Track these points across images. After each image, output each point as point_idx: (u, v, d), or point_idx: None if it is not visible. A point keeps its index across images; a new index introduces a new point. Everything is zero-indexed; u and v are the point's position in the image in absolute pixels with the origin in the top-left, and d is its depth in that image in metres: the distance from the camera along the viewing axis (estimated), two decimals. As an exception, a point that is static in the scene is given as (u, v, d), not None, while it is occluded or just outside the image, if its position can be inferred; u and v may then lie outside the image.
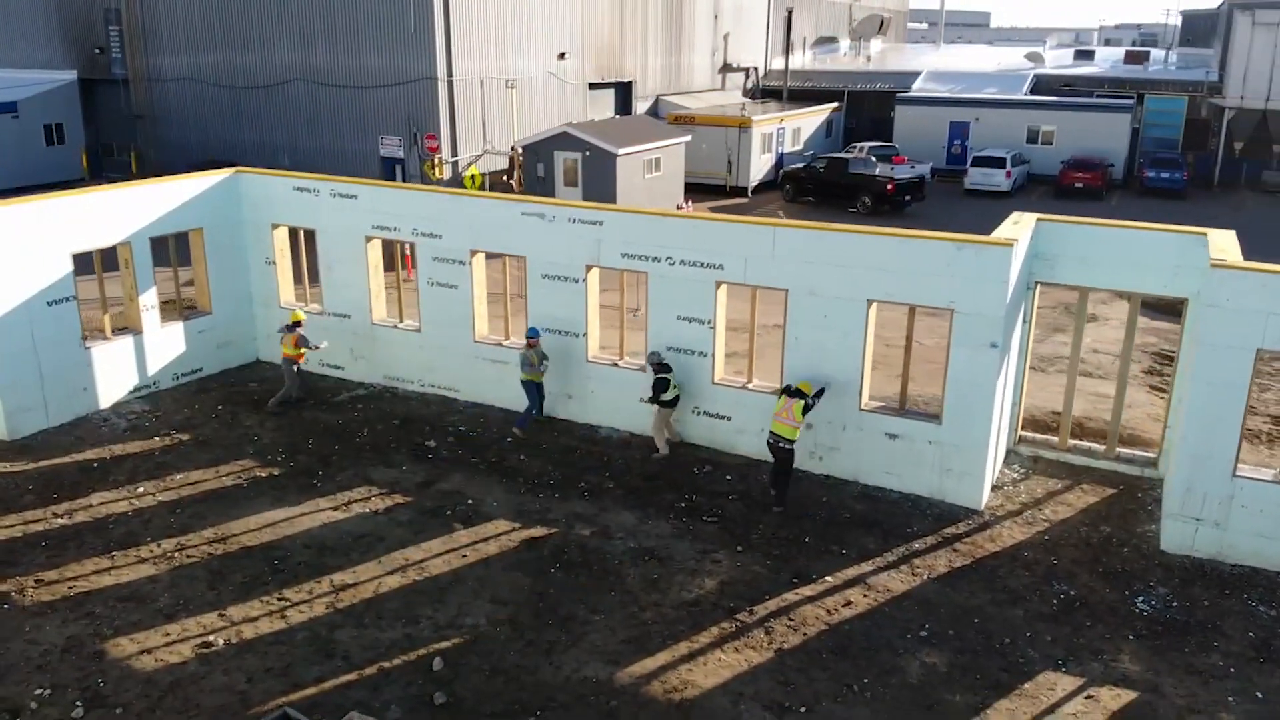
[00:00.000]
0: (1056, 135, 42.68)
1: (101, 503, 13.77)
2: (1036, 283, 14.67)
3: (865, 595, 11.69)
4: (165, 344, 17.64)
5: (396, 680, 10.14)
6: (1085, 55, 51.45)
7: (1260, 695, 9.91)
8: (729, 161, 38.65)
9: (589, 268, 15.65)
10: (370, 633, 10.89)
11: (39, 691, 9.89)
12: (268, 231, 18.51)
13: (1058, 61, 51.11)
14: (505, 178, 33.61)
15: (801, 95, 49.36)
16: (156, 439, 15.79)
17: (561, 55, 35.63)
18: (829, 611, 11.36)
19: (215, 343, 18.56)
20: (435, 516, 13.41)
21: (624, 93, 40.64)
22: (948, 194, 39.63)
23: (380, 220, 17.31)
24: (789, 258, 14.05)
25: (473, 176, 31.52)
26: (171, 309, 18.57)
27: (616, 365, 15.94)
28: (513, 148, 33.40)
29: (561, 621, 11.12)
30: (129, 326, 17.28)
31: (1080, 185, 39.06)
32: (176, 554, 12.45)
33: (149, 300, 17.27)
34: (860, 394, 14.14)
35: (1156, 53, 51.52)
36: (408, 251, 21.33)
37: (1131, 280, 14.15)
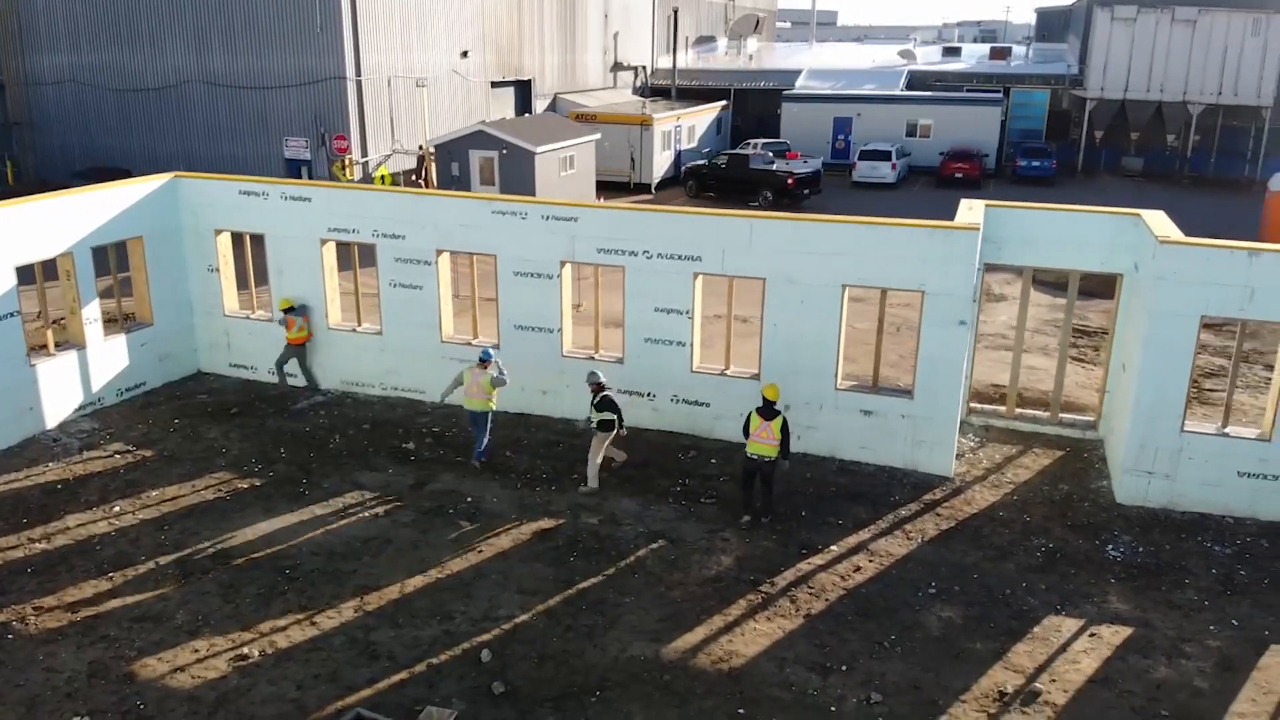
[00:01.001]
0: (933, 129, 45.09)
1: (79, 524, 13.18)
2: (985, 264, 15.76)
3: (870, 560, 12.42)
4: (109, 358, 16.90)
5: (448, 675, 10.23)
6: (952, 52, 54.51)
7: (1236, 623, 11.11)
8: (632, 159, 39.21)
9: (564, 264, 15.89)
10: (408, 632, 10.91)
11: (76, 717, 9.53)
12: (210, 238, 17.95)
13: (927, 58, 53.92)
14: (414, 177, 33.23)
15: (689, 94, 50.44)
16: (117, 456, 15.16)
17: (464, 53, 35.42)
18: (843, 577, 12.03)
19: (158, 355, 17.88)
20: (438, 516, 13.44)
21: (524, 91, 40.69)
22: (837, 187, 41.24)
23: (337, 223, 17.04)
24: (766, 247, 14.68)
25: (383, 176, 31.06)
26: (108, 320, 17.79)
27: (593, 358, 16.23)
28: (421, 146, 33.06)
29: (594, 606, 11.40)
30: (72, 341, 16.48)
31: (960, 175, 41.45)
32: (179, 570, 12.08)
33: (92, 313, 16.52)
34: (836, 375, 14.91)
35: (1018, 48, 54.94)
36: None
37: (1071, 259, 15.41)
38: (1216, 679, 10.14)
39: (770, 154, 38.26)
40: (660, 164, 40.06)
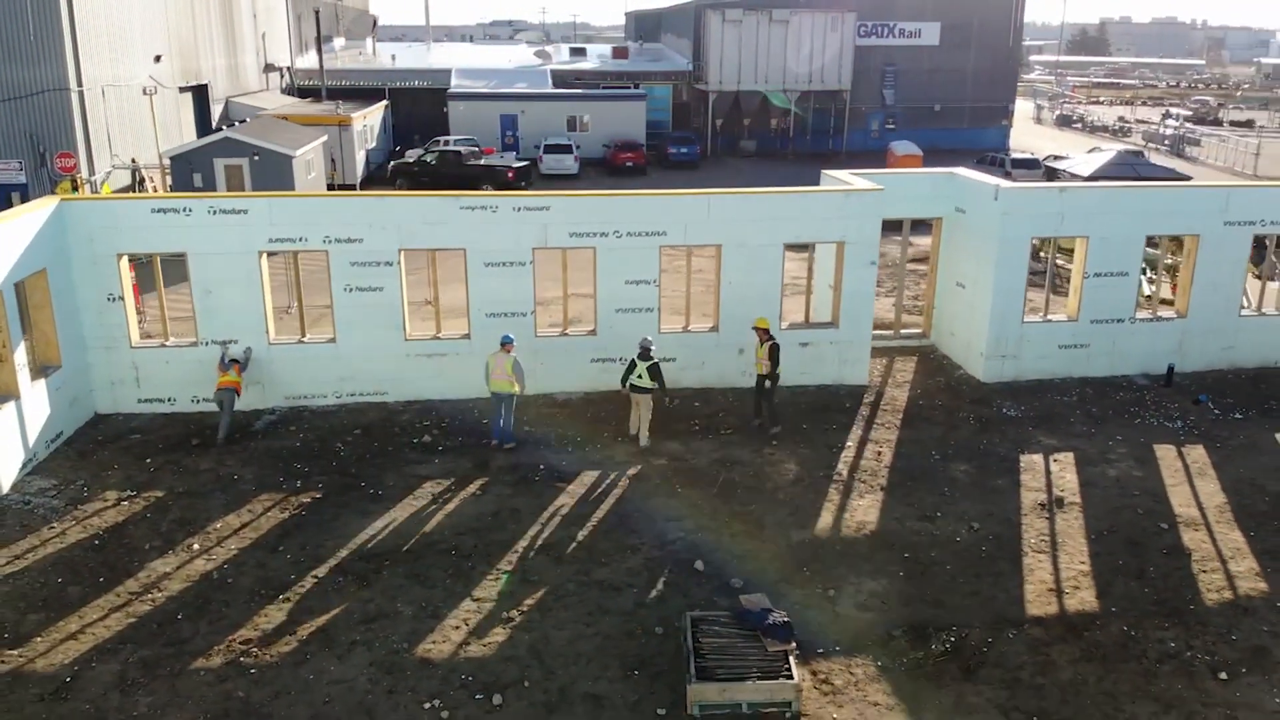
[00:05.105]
0: (591, 123, 49.53)
1: (174, 569, 12.38)
2: (847, 219, 19.96)
3: (880, 448, 16.02)
4: (37, 408, 15.07)
5: (686, 584, 12.00)
6: (579, 52, 59.50)
7: (1120, 438, 16.40)
8: (332, 159, 38.63)
9: (535, 250, 17.31)
10: (618, 566, 12.38)
11: (429, 705, 9.91)
12: (109, 264, 16.45)
13: (558, 58, 58.31)
14: (133, 191, 30.26)
15: (338, 94, 49.69)
16: (125, 504, 13.96)
17: (158, 58, 32.55)
18: (876, 460, 15.49)
19: (68, 400, 16.11)
20: (531, 484, 14.57)
21: (201, 96, 37.95)
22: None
23: (280, 233, 16.69)
24: (722, 219, 17.50)
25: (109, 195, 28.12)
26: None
27: (565, 334, 17.87)
28: (133, 159, 30.21)
29: (734, 516, 13.68)
30: (5, 391, 14.48)
31: (630, 163, 46.30)
32: (348, 577, 12.17)
33: (21, 358, 14.66)
34: (779, 318, 18.23)
35: (633, 46, 61.39)
36: (134, 279, 19.58)
37: (904, 210, 20.16)
38: (1141, 470, 15.23)
39: (477, 149, 40.02)
40: (360, 162, 39.92)
